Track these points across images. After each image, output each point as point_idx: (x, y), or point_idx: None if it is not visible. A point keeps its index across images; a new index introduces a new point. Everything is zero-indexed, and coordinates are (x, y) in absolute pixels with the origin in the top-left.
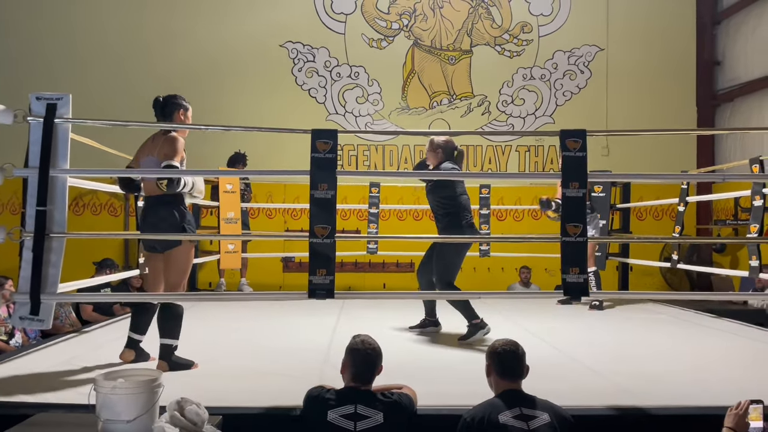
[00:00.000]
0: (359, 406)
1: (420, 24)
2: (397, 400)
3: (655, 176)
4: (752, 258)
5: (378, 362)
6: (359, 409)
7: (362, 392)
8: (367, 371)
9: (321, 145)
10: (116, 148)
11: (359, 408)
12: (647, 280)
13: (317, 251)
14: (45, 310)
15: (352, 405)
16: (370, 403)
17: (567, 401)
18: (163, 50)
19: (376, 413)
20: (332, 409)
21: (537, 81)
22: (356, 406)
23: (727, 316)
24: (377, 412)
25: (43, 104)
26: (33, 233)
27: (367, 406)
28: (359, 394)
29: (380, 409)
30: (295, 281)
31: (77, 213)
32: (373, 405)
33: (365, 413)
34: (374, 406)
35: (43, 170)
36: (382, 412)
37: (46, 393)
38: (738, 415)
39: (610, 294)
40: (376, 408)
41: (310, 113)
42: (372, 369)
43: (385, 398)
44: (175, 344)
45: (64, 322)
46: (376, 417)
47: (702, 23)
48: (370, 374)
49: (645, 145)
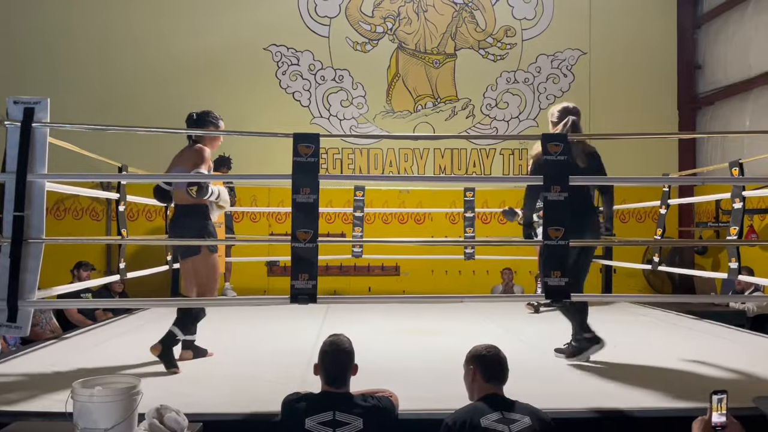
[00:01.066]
0: (337, 413)
1: (404, 27)
2: (377, 405)
3: (637, 179)
4: (731, 260)
5: (349, 363)
6: (338, 415)
7: (340, 396)
8: (339, 373)
9: (303, 149)
10: (95, 151)
11: (338, 414)
12: (630, 282)
13: (300, 255)
14: (23, 316)
15: (330, 411)
16: (348, 409)
17: (547, 404)
18: (145, 53)
19: (355, 419)
20: (310, 416)
21: (521, 84)
22: (334, 412)
23: (709, 318)
24: (356, 417)
25: (21, 108)
26: (10, 239)
27: (346, 412)
28: (336, 398)
29: (359, 414)
30: (279, 285)
31: (58, 217)
32: (351, 410)
33: (344, 419)
34: (353, 412)
35: (21, 175)
36: (361, 417)
37: (23, 401)
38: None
39: (594, 297)
40: (355, 413)
41: (294, 116)
42: (344, 370)
43: (364, 402)
44: (180, 337)
45: (45, 328)
46: (356, 423)
47: (682, 27)
48: (343, 376)
49: (627, 148)
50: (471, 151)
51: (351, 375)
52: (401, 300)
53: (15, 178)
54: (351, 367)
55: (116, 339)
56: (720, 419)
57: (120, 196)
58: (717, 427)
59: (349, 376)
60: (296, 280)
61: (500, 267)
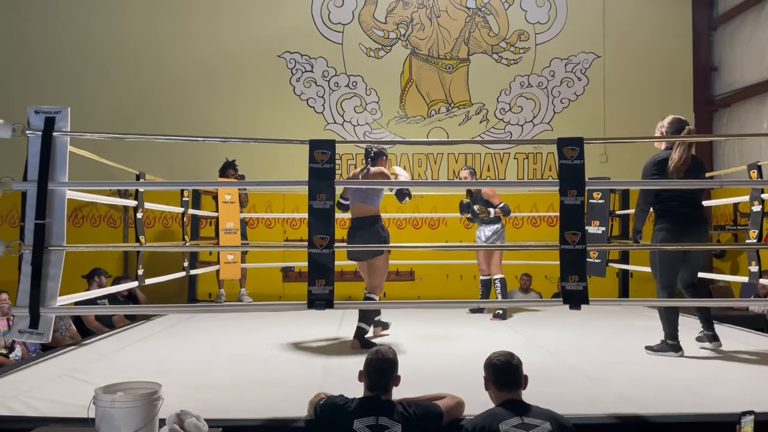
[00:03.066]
0: (380, 417)
1: (417, 33)
2: (416, 412)
3: (653, 183)
4: (752, 264)
5: (392, 372)
6: (381, 420)
7: (382, 402)
8: (381, 381)
9: (319, 156)
10: (111, 158)
11: (380, 419)
12: (647, 287)
13: (316, 261)
14: (44, 323)
15: (374, 416)
16: (390, 415)
17: (565, 409)
18: (160, 61)
19: (394, 424)
20: (358, 418)
21: (534, 89)
22: (378, 417)
23: (728, 322)
24: (396, 423)
25: (42, 118)
26: (32, 246)
27: (388, 417)
28: (379, 404)
29: (399, 420)
30: (295, 291)
31: (76, 225)
32: (392, 416)
33: (386, 424)
34: (393, 418)
35: (42, 183)
36: (400, 423)
37: (46, 407)
38: None
39: (611, 301)
40: (395, 419)
41: (308, 123)
42: (386, 379)
43: (404, 411)
44: (368, 329)
45: (64, 334)
46: (395, 429)
47: (698, 29)
48: (385, 384)
49: (643, 151)
50: (485, 156)
51: (393, 384)
52: (417, 306)
53: (36, 186)
54: (393, 377)
55: (135, 345)
56: None
57: (138, 204)
58: None
59: (392, 386)
60: (313, 286)
61: (515, 271)
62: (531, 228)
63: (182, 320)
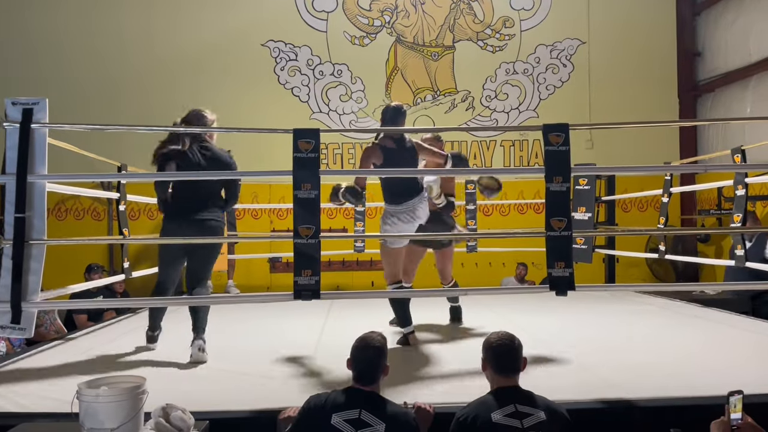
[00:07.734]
0: (364, 412)
1: (402, 20)
2: (405, 414)
3: (638, 168)
4: (737, 248)
5: (379, 360)
6: (363, 415)
7: (367, 395)
8: (367, 370)
9: (303, 145)
10: (93, 151)
11: (363, 414)
12: (633, 272)
13: (302, 252)
14: (26, 318)
15: (357, 409)
16: (375, 411)
17: (554, 395)
18: (142, 49)
19: (378, 423)
20: (337, 412)
21: (520, 75)
22: (361, 411)
23: (714, 306)
24: (380, 422)
25: (19, 109)
26: (12, 241)
27: (372, 413)
28: (364, 396)
29: (384, 419)
30: (282, 281)
31: (60, 218)
32: (377, 413)
33: (368, 420)
34: (378, 415)
35: (21, 176)
36: (384, 423)
37: (30, 402)
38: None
39: (598, 287)
40: (380, 417)
41: (293, 112)
42: (373, 368)
43: (391, 408)
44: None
45: (49, 329)
46: (378, 427)
47: (682, 14)
48: (371, 373)
49: (628, 136)
50: (471, 143)
51: (382, 374)
52: (404, 294)
53: (15, 179)
54: (381, 366)
55: (121, 339)
56: (736, 418)
57: (120, 196)
58: (734, 427)
59: (379, 375)
60: (299, 277)
61: (503, 259)
62: (518, 215)
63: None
